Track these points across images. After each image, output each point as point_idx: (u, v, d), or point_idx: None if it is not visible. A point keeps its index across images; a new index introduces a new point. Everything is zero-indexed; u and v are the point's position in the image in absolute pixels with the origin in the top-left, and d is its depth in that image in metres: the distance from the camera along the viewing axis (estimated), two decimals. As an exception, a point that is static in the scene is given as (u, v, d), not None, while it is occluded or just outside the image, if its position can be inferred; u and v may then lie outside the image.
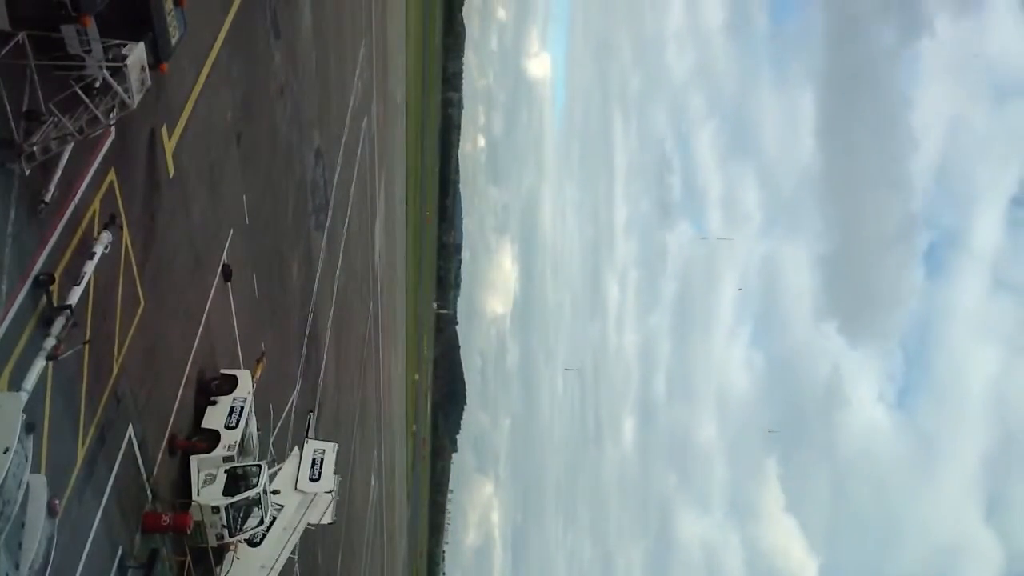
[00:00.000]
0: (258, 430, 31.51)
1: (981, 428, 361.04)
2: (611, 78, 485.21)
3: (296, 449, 38.25)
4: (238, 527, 27.57)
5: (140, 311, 22.20)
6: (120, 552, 21.38)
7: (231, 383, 29.81)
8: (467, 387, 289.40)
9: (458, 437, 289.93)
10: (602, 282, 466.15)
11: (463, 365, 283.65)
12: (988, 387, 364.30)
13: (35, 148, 15.69)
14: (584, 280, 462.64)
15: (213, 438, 27.69)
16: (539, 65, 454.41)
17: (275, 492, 32.45)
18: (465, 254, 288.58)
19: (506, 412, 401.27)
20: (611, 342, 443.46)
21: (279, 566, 32.11)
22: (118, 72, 16.18)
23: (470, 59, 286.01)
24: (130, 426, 21.93)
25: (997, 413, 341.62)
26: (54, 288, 17.10)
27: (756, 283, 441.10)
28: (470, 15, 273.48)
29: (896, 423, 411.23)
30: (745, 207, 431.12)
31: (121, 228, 20.34)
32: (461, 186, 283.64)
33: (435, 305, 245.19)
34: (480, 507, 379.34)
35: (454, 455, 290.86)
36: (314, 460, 37.06)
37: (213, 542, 27.23)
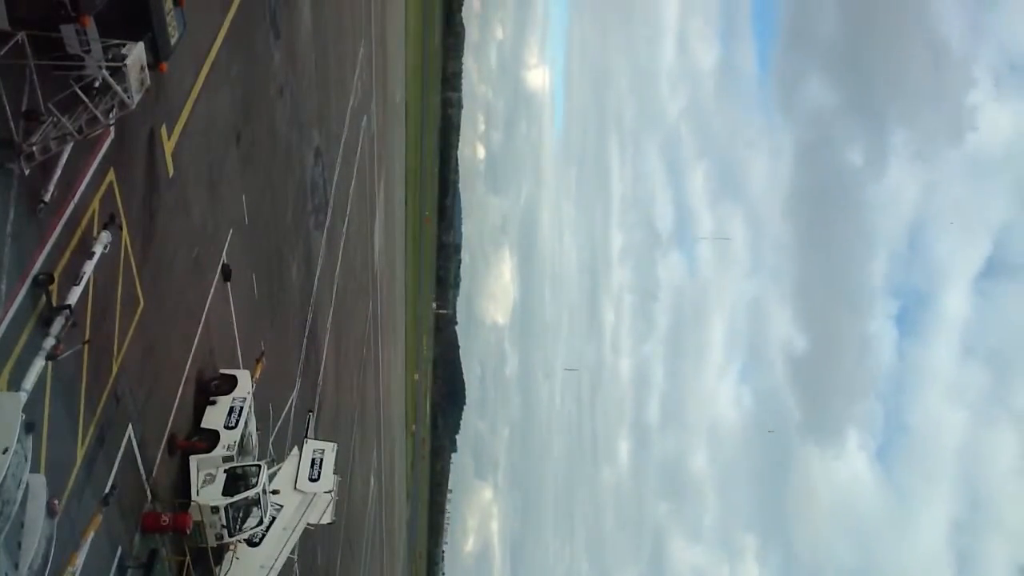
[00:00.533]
0: (257, 430, 31.48)
1: (952, 490, 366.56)
2: (608, 100, 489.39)
3: (295, 449, 38.23)
4: (237, 527, 27.56)
5: (139, 311, 22.19)
6: (119, 552, 21.38)
7: (230, 383, 29.79)
8: (466, 387, 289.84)
9: (457, 437, 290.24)
10: (598, 305, 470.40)
11: (463, 365, 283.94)
12: (959, 451, 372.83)
13: (34, 148, 15.69)
14: (581, 298, 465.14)
15: (212, 438, 27.67)
16: (538, 77, 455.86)
17: (274, 492, 32.43)
18: (464, 256, 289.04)
19: (505, 422, 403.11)
20: (607, 362, 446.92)
21: (278, 566, 32.10)
22: (117, 72, 16.19)
23: (469, 63, 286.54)
24: (129, 426, 21.93)
25: (967, 476, 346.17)
26: (53, 288, 17.09)
27: (743, 321, 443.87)
28: (469, 18, 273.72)
29: (875, 479, 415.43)
30: (734, 247, 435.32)
31: (120, 228, 20.33)
32: (460, 186, 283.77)
33: (434, 305, 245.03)
34: (479, 513, 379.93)
35: (453, 455, 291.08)
36: (313, 460, 37.03)
37: (212, 542, 27.21)
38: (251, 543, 30.89)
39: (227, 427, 28.07)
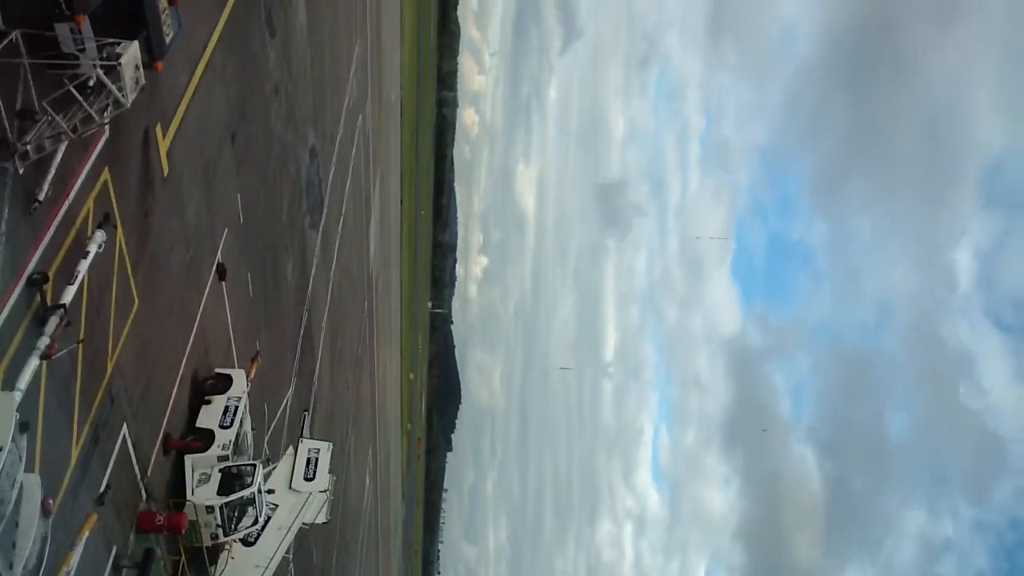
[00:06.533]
0: (253, 429, 31.47)
1: None
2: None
3: (291, 448, 38.25)
4: (233, 527, 27.55)
5: (134, 310, 22.16)
6: (114, 552, 21.36)
7: (225, 382, 29.77)
8: (462, 386, 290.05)
9: (453, 436, 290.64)
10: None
11: (458, 364, 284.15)
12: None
13: (29, 147, 15.64)
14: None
15: (208, 437, 27.64)
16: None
17: (270, 491, 32.42)
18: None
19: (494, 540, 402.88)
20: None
21: (274, 565, 32.10)
22: (112, 71, 16.15)
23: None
24: (124, 425, 21.90)
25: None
26: (48, 287, 17.05)
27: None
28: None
29: None
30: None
31: (115, 227, 20.31)
32: (456, 184, 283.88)
33: (430, 304, 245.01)
34: None
35: (448, 454, 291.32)
36: (309, 459, 37.07)
37: (208, 542, 27.20)
38: (246, 543, 30.90)
39: (222, 426, 28.05)
